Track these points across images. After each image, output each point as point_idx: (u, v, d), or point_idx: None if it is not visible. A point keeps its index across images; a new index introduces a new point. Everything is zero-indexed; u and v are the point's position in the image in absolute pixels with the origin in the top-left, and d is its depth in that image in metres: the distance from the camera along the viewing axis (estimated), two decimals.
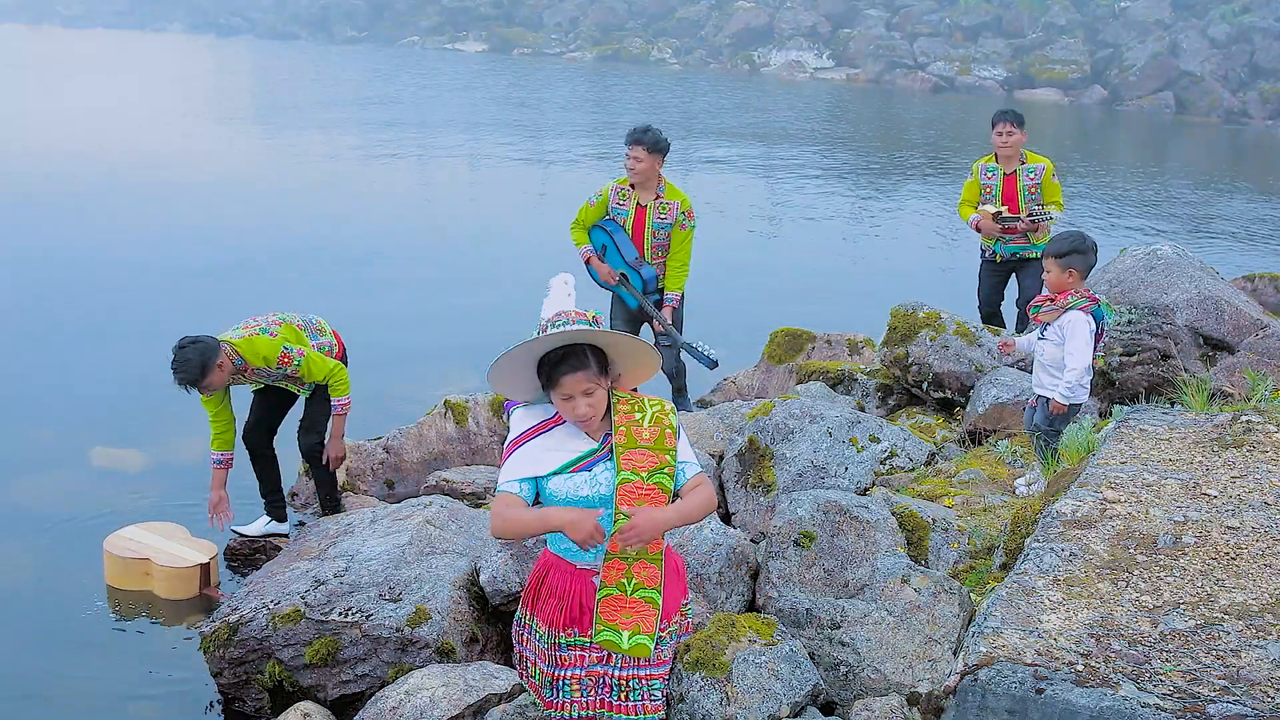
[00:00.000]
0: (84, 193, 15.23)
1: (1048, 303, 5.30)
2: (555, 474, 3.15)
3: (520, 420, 3.24)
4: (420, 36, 46.19)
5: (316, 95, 28.50)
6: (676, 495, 3.22)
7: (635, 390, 3.32)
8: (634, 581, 3.17)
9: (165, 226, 13.48)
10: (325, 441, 5.97)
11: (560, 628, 3.26)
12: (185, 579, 5.55)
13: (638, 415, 3.20)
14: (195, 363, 5.28)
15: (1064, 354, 5.18)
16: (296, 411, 6.10)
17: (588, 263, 6.99)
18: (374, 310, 10.27)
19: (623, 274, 6.94)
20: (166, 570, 5.52)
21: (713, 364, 6.96)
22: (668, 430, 3.20)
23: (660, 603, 3.19)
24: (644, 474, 3.14)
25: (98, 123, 21.85)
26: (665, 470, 3.16)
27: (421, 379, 8.50)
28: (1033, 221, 7.42)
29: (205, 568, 5.60)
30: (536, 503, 3.19)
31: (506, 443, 3.24)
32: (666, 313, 7.00)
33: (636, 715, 3.29)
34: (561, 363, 3.05)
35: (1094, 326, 5.17)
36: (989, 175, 7.60)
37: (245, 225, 13.84)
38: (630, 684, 3.28)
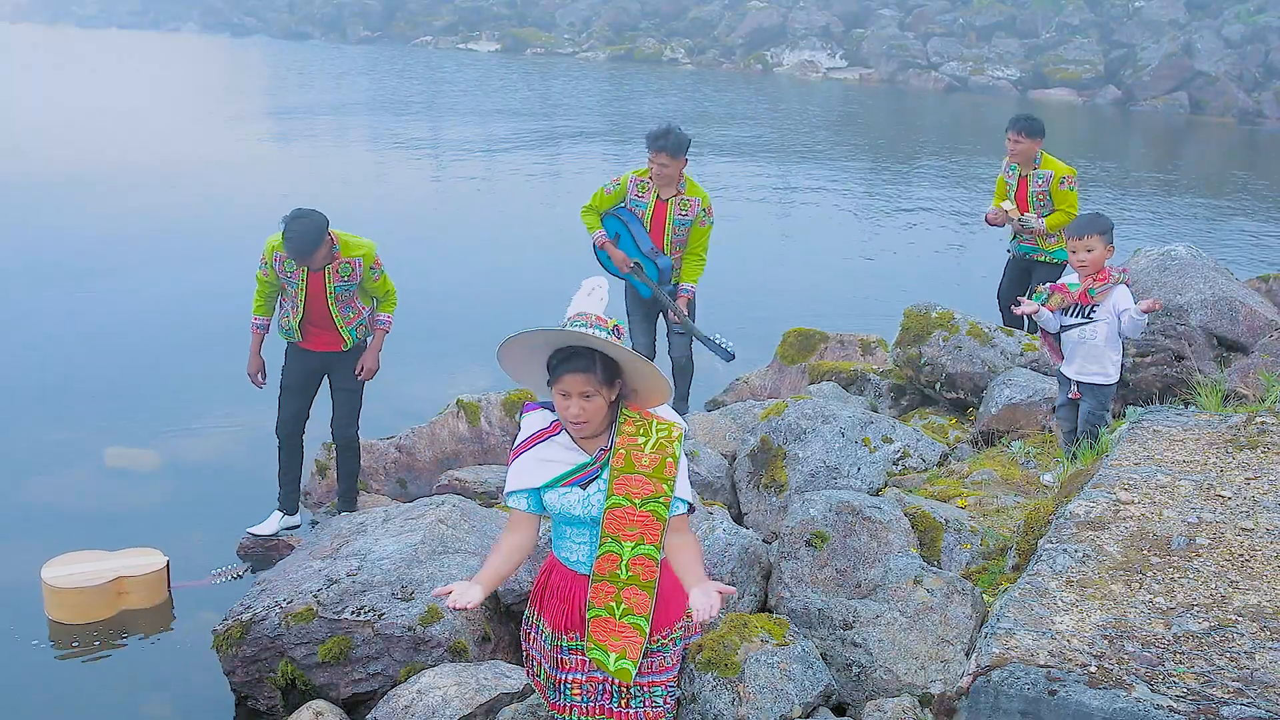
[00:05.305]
0: (93, 189, 15.29)
1: (1092, 281, 5.27)
2: (549, 487, 3.14)
3: (527, 425, 3.23)
4: (433, 36, 46.19)
5: (330, 94, 28.56)
6: None
7: (646, 411, 3.20)
8: (623, 607, 3.13)
9: (174, 217, 13.53)
10: (350, 420, 6.08)
11: (563, 630, 3.26)
12: (161, 580, 5.58)
13: (640, 439, 3.12)
14: (312, 234, 5.39)
15: (1132, 313, 5.18)
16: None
17: (601, 247, 6.94)
18: None
19: (636, 262, 6.91)
20: (145, 578, 5.51)
21: (729, 356, 6.95)
22: (669, 459, 3.12)
23: (647, 629, 3.16)
24: (637, 501, 3.09)
25: (112, 119, 21.94)
26: (660, 499, 3.09)
27: (434, 378, 8.51)
28: (1021, 225, 7.67)
29: (168, 565, 5.64)
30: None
31: (513, 445, 3.25)
32: (681, 303, 6.99)
33: None
34: (567, 360, 3.03)
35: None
36: (1010, 175, 7.81)
37: (252, 218, 13.85)
38: (630, 690, 3.25)
